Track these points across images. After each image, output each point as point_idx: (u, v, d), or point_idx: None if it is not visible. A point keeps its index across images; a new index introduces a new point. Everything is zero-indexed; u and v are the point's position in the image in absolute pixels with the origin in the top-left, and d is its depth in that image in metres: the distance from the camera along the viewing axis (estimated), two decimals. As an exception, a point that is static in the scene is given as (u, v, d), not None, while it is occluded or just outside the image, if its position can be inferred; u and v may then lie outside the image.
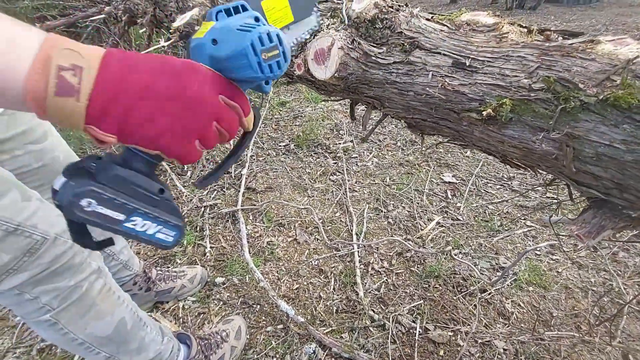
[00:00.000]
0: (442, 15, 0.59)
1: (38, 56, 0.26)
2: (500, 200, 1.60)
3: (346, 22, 0.64)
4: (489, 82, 0.48)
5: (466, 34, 0.52)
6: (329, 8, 0.72)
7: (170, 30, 1.11)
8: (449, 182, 1.75)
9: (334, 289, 1.22)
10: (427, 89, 0.54)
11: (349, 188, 1.70)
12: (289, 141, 2.11)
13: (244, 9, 0.38)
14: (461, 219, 1.51)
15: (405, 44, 0.57)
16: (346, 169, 1.83)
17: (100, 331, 0.72)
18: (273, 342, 1.04)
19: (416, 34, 0.57)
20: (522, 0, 7.01)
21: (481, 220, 1.50)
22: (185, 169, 1.88)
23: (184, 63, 0.33)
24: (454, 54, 0.52)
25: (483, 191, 1.68)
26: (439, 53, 0.53)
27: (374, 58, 0.60)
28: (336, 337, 1.05)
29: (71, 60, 0.27)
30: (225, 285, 1.24)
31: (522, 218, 1.48)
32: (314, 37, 0.69)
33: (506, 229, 1.45)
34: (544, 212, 1.47)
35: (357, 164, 1.90)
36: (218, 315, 1.14)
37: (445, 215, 1.54)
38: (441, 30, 0.55)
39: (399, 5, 0.61)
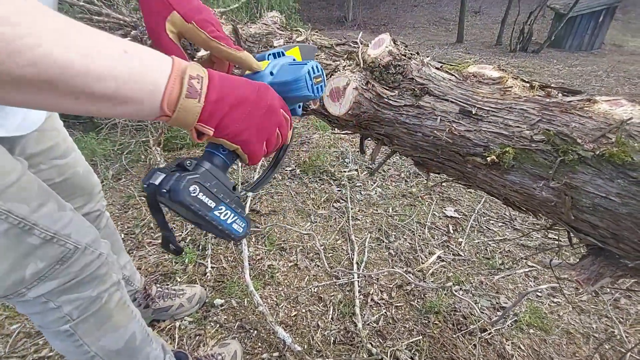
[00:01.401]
0: (450, 65, 0.64)
1: (175, 70, 0.35)
2: (502, 238, 1.61)
3: (362, 65, 0.69)
4: (493, 130, 0.51)
5: (473, 84, 0.56)
6: (346, 51, 0.77)
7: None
8: (451, 216, 1.76)
9: (332, 318, 1.21)
10: (435, 131, 0.58)
11: (352, 216, 1.72)
12: (295, 166, 2.15)
13: (282, 54, 0.54)
14: (462, 254, 1.51)
15: (416, 90, 0.61)
16: (350, 197, 1.86)
17: (112, 344, 0.72)
18: (268, 370, 1.03)
19: (426, 81, 0.61)
20: (526, 43, 7.31)
21: (482, 257, 1.50)
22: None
23: (259, 83, 0.43)
24: (461, 102, 0.56)
25: (485, 228, 1.69)
26: (447, 100, 0.58)
27: (386, 100, 0.64)
28: (332, 369, 1.03)
29: (197, 71, 0.36)
30: (223, 308, 1.23)
31: (524, 258, 1.48)
32: (330, 76, 0.74)
33: (507, 267, 1.44)
34: (545, 254, 1.47)
35: (360, 193, 1.93)
36: (214, 338, 1.13)
37: (447, 249, 1.54)
38: (449, 79, 0.60)
39: (411, 54, 0.67)
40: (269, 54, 0.52)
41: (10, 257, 0.55)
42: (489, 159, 0.50)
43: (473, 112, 0.54)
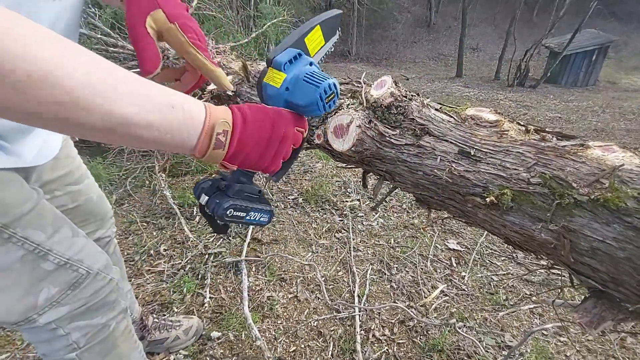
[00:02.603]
0: (449, 107, 0.67)
1: (206, 127, 0.41)
2: (505, 272, 1.59)
3: (365, 104, 0.73)
4: (491, 172, 0.53)
5: (471, 127, 0.59)
6: (350, 90, 0.81)
7: (205, 92, 1.23)
8: (454, 249, 1.75)
9: (332, 355, 1.17)
10: (435, 170, 0.60)
11: (353, 247, 1.71)
12: (298, 195, 2.17)
13: (300, 55, 0.54)
14: (466, 289, 1.49)
15: (417, 130, 0.64)
16: (352, 228, 1.85)
17: None
18: (264, 411, 0.98)
19: (426, 122, 0.64)
20: (523, 79, 7.57)
21: (486, 292, 1.47)
22: (195, 213, 1.92)
23: (275, 112, 0.48)
24: (460, 143, 0.58)
25: (488, 261, 1.67)
26: (447, 141, 0.60)
27: (387, 138, 0.67)
28: (332, 410, 0.99)
29: (223, 127, 0.42)
30: (220, 341, 1.20)
31: (528, 295, 1.45)
32: (335, 114, 0.78)
33: (511, 303, 1.41)
34: (549, 290, 1.45)
35: (362, 223, 1.93)
36: (209, 373, 1.09)
37: (450, 283, 1.52)
38: (449, 121, 0.63)
39: (412, 95, 0.70)
40: (285, 63, 0.51)
41: (25, 282, 0.56)
42: (488, 199, 0.51)
43: (472, 153, 0.56)
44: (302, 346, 1.19)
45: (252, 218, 0.52)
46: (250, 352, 1.16)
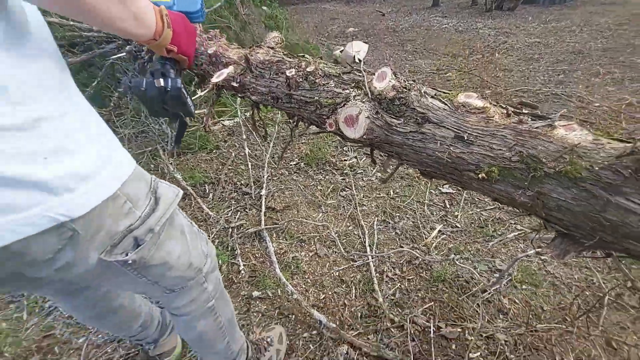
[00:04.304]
0: (443, 93, 0.79)
1: (156, 10, 0.62)
2: (492, 207, 1.82)
3: (370, 96, 0.83)
4: (482, 153, 0.67)
5: (463, 114, 0.72)
6: (353, 79, 0.91)
7: (210, 85, 1.28)
8: (447, 192, 1.96)
9: (355, 296, 1.41)
10: (437, 152, 0.74)
11: (358, 203, 1.89)
12: (299, 160, 2.29)
13: None
14: (459, 226, 1.72)
15: (418, 118, 0.76)
16: (354, 185, 2.03)
17: (229, 314, 0.95)
18: (311, 346, 1.23)
19: (426, 111, 0.76)
20: (501, 2, 7.31)
21: (477, 226, 1.71)
22: (207, 191, 2.05)
23: (180, 14, 0.73)
24: (455, 129, 0.71)
25: (477, 199, 1.89)
26: (444, 127, 0.73)
27: (394, 127, 0.79)
28: (364, 338, 1.24)
29: (164, 12, 0.65)
30: (261, 298, 1.42)
31: (513, 223, 1.69)
32: (344, 105, 0.88)
33: (499, 234, 1.66)
34: (527, 220, 1.68)
35: (363, 179, 2.10)
36: (259, 325, 1.32)
37: (445, 223, 1.75)
38: (444, 109, 0.75)
39: (410, 85, 0.81)
40: None
41: (196, 236, 0.79)
42: (480, 175, 0.66)
43: (465, 138, 0.70)
44: (330, 293, 1.43)
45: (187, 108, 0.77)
46: (288, 304, 1.38)
